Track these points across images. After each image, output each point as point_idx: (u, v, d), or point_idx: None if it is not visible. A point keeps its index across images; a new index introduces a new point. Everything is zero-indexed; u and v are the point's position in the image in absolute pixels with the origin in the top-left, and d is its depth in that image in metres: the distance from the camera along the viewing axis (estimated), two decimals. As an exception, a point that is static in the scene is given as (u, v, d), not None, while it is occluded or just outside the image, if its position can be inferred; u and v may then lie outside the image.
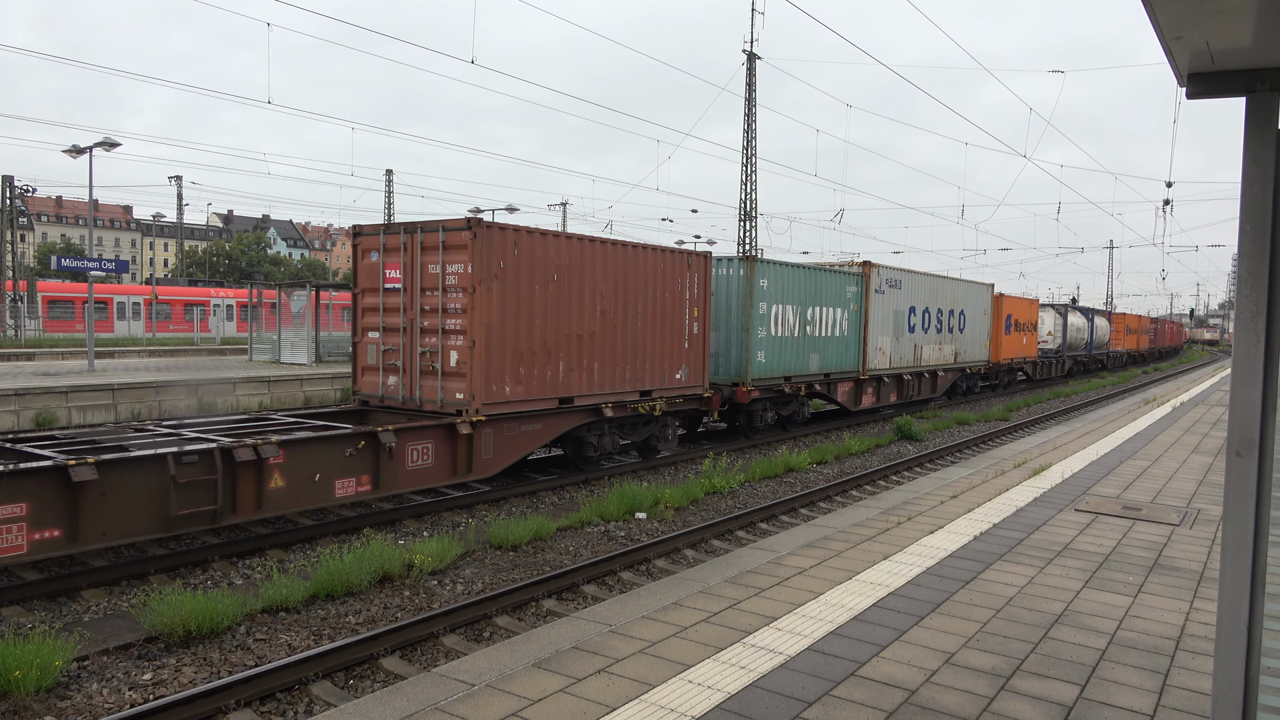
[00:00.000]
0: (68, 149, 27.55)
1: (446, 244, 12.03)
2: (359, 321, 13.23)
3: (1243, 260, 2.79)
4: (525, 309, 12.56)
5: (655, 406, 15.18)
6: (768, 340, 18.40)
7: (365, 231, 13.18)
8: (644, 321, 14.83)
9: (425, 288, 12.31)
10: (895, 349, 23.86)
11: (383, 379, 12.90)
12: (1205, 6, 2.27)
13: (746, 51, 39.16)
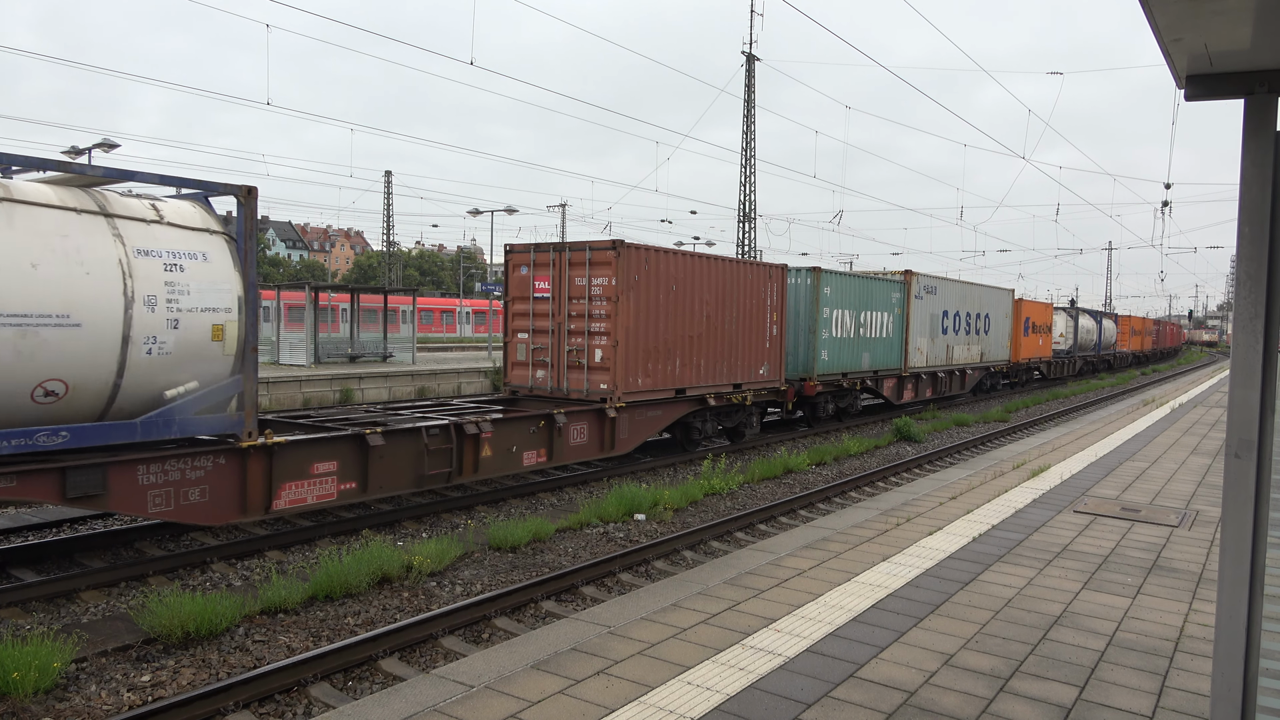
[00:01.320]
0: (67, 150, 27.56)
1: (593, 260, 14.55)
2: (509, 324, 15.76)
3: (1241, 262, 2.79)
4: (652, 314, 15.01)
5: (746, 397, 17.81)
6: (829, 341, 20.76)
7: (516, 249, 15.69)
8: (736, 325, 17.28)
9: (572, 296, 14.80)
10: (931, 349, 26.16)
11: (531, 372, 15.44)
12: (1204, 8, 2.27)
13: (745, 53, 39.19)
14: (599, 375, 14.50)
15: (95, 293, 8.18)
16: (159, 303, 8.68)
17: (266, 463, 9.80)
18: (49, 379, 7.94)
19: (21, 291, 7.67)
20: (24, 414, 7.95)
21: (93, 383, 8.27)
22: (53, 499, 8.15)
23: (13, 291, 7.60)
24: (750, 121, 39.92)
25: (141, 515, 8.97)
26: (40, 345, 7.78)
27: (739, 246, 40.74)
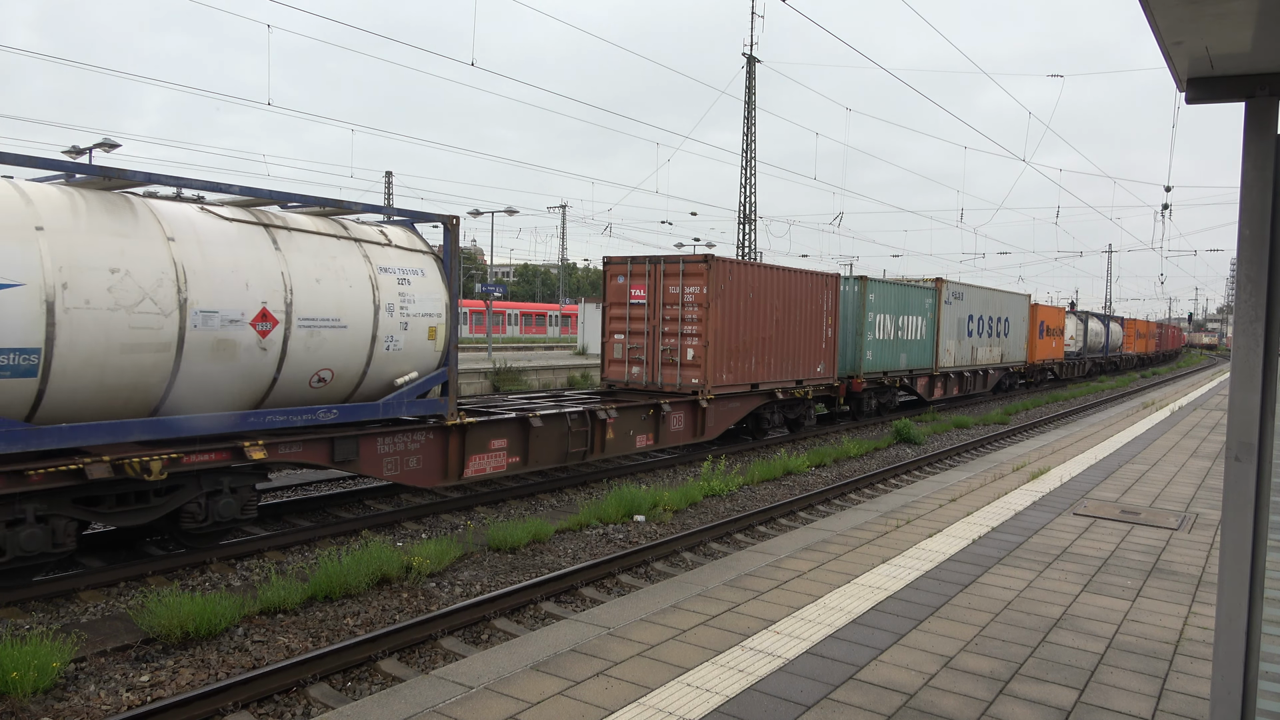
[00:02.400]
0: (67, 150, 27.58)
1: (685, 272, 16.72)
2: (606, 326, 17.83)
3: (1242, 265, 2.79)
4: (734, 319, 17.09)
5: (807, 392, 20.07)
6: (873, 342, 22.86)
7: (614, 261, 17.86)
8: (799, 328, 19.40)
9: (666, 303, 16.96)
10: (958, 350, 28.29)
11: (627, 368, 17.57)
12: (1205, 11, 2.27)
13: (746, 55, 39.22)
14: (690, 371, 16.71)
15: (355, 301, 10.52)
16: (395, 309, 11.02)
17: (461, 438, 12.06)
18: (323, 369, 10.35)
19: (310, 301, 10.01)
20: (304, 395, 10.37)
21: (349, 372, 10.69)
22: (324, 462, 10.41)
23: (305, 301, 9.96)
24: (751, 123, 39.94)
25: (378, 477, 11.15)
26: (320, 342, 10.17)
27: (739, 248, 40.74)
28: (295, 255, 10.03)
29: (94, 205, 8.61)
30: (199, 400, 9.33)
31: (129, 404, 8.78)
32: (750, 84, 39.58)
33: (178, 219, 9.21)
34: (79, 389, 8.29)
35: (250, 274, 9.51)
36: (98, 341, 8.28)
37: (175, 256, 8.91)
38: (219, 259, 9.30)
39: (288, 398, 10.16)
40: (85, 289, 8.18)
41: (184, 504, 9.28)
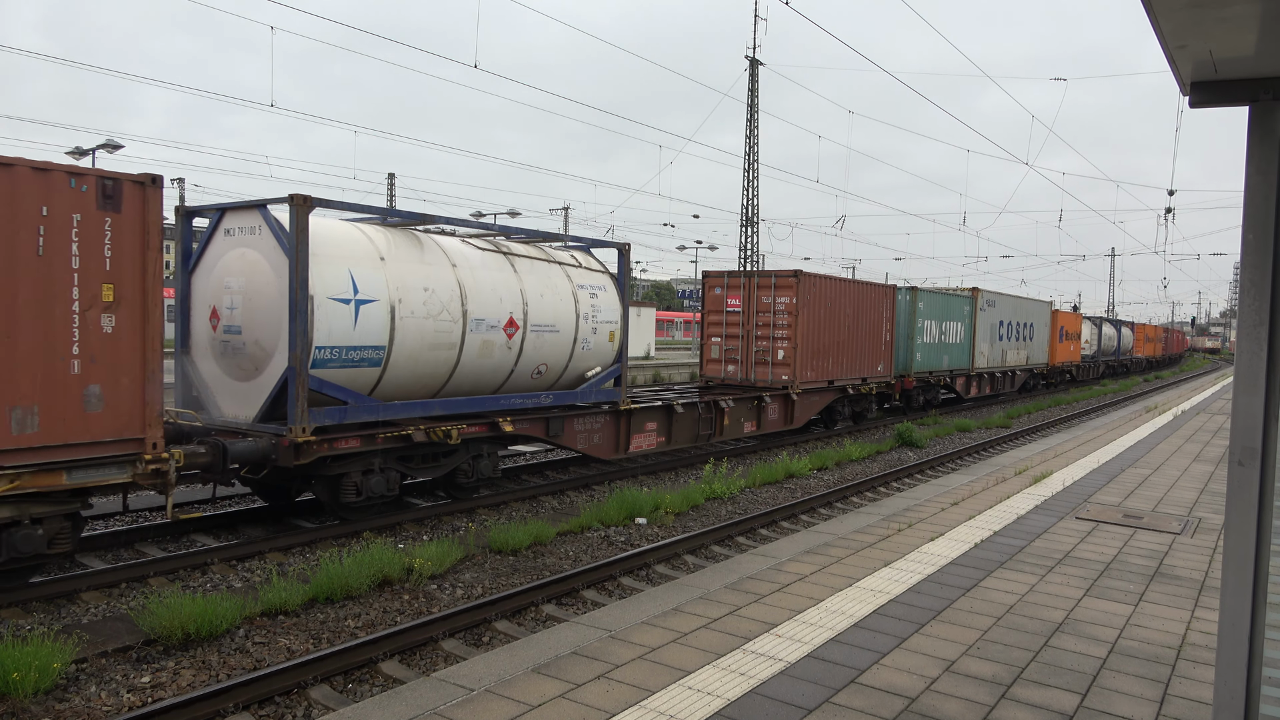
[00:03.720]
0: (71, 151, 27.65)
1: (777, 284, 19.67)
2: (705, 331, 20.98)
3: (1245, 269, 2.79)
4: (816, 324, 20.06)
5: (871, 388, 23.10)
6: (922, 345, 25.61)
7: (711, 275, 21.02)
8: (865, 332, 22.34)
9: (759, 310, 19.85)
10: (990, 353, 31.12)
11: (723, 367, 20.53)
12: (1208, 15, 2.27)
13: (749, 58, 39.23)
14: (781, 369, 19.53)
15: (564, 312, 13.52)
16: (588, 318, 14.00)
17: (627, 421, 14.92)
18: (541, 364, 13.27)
19: (537, 312, 12.98)
20: (526, 384, 13.29)
21: (558, 366, 13.67)
22: (542, 435, 13.30)
23: (534, 312, 12.91)
24: (753, 126, 39.96)
25: (574, 448, 14.05)
26: (542, 343, 13.12)
27: (741, 250, 40.74)
28: (526, 276, 13.05)
29: (403, 240, 11.55)
30: (466, 386, 12.34)
31: (424, 388, 11.73)
32: (753, 87, 39.60)
33: (454, 249, 12.17)
34: (399, 376, 11.18)
35: (502, 291, 12.48)
36: (415, 341, 11.18)
37: (459, 279, 11.89)
38: (483, 280, 12.25)
39: (515, 386, 13.15)
40: (410, 303, 11.09)
41: (459, 464, 12.21)
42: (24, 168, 7.55)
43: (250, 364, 10.40)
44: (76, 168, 8.03)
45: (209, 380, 10.85)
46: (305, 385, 9.95)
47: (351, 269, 10.52)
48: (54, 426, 7.78)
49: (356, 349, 10.51)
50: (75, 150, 27.44)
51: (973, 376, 29.67)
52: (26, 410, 7.62)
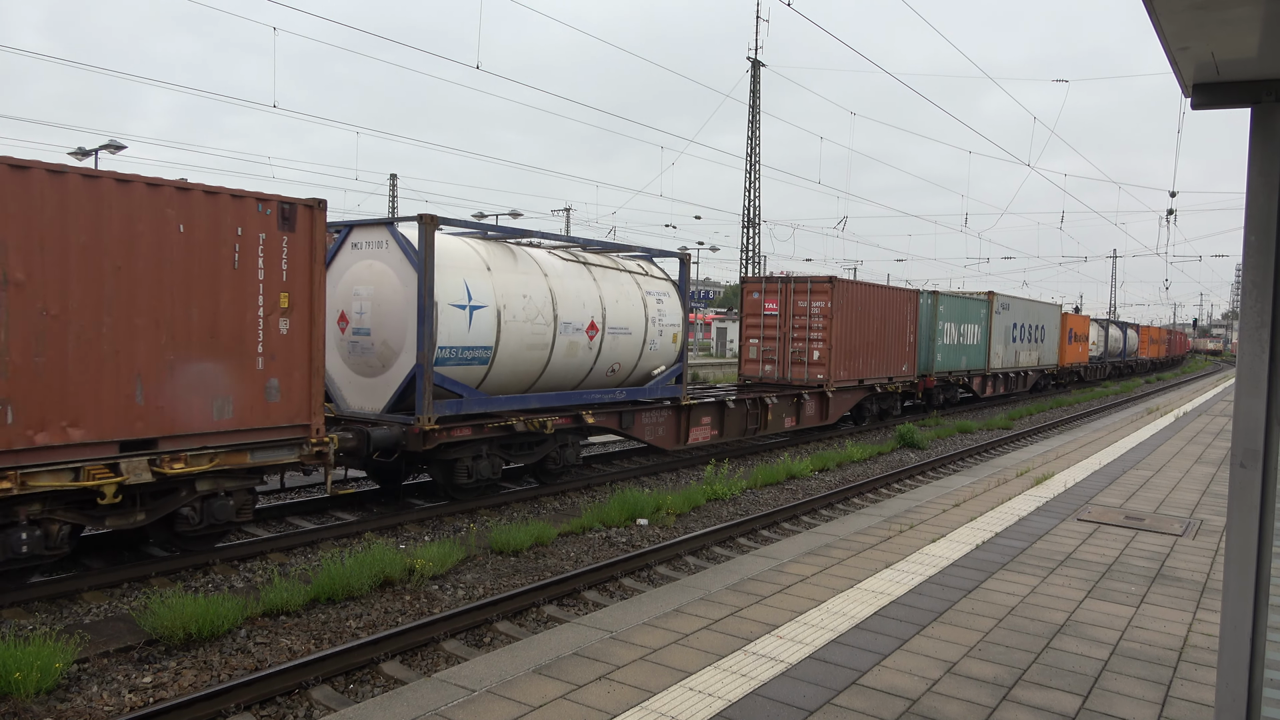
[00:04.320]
0: (74, 151, 27.67)
1: (812, 290, 20.93)
2: (744, 333, 22.25)
3: (1247, 271, 2.79)
4: (848, 327, 21.32)
5: (897, 387, 24.55)
6: (942, 347, 26.90)
7: (750, 281, 22.59)
8: (891, 334, 23.67)
9: (795, 314, 21.13)
10: (1004, 354, 32.39)
11: (761, 366, 21.86)
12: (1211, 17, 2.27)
13: (751, 59, 39.24)
14: (816, 369, 20.82)
15: (636, 316, 14.94)
16: (655, 321, 15.39)
17: (686, 415, 16.35)
18: (615, 363, 14.69)
19: (614, 316, 14.40)
20: (601, 381, 14.69)
21: (629, 364, 15.06)
22: (615, 427, 14.75)
23: (611, 316, 14.35)
24: (755, 127, 39.96)
25: (641, 439, 15.42)
26: (617, 344, 14.54)
27: (743, 252, 40.75)
28: (603, 283, 14.48)
29: (501, 252, 12.97)
30: (553, 382, 13.75)
31: (520, 384, 13.16)
32: (755, 88, 39.61)
33: (543, 260, 13.58)
34: (502, 373, 12.67)
35: (584, 297, 13.88)
36: (516, 342, 12.63)
37: (550, 286, 13.29)
38: (569, 287, 13.65)
39: (592, 383, 14.56)
40: (512, 308, 12.51)
41: (549, 452, 13.62)
42: (225, 195, 8.93)
43: (378, 362, 11.84)
44: (263, 194, 9.27)
45: (336, 376, 12.17)
46: (431, 381, 11.38)
47: (466, 279, 11.97)
48: (243, 414, 9.19)
49: (469, 349, 12.03)
50: (78, 151, 27.45)
51: (988, 376, 31.11)
52: (224, 400, 9.04)
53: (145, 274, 8.39)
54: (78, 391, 7.97)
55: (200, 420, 8.84)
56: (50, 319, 7.81)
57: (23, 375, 7.64)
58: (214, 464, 8.94)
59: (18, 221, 7.56)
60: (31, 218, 7.64)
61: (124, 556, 9.58)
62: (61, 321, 7.88)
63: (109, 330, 8.18)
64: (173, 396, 8.64)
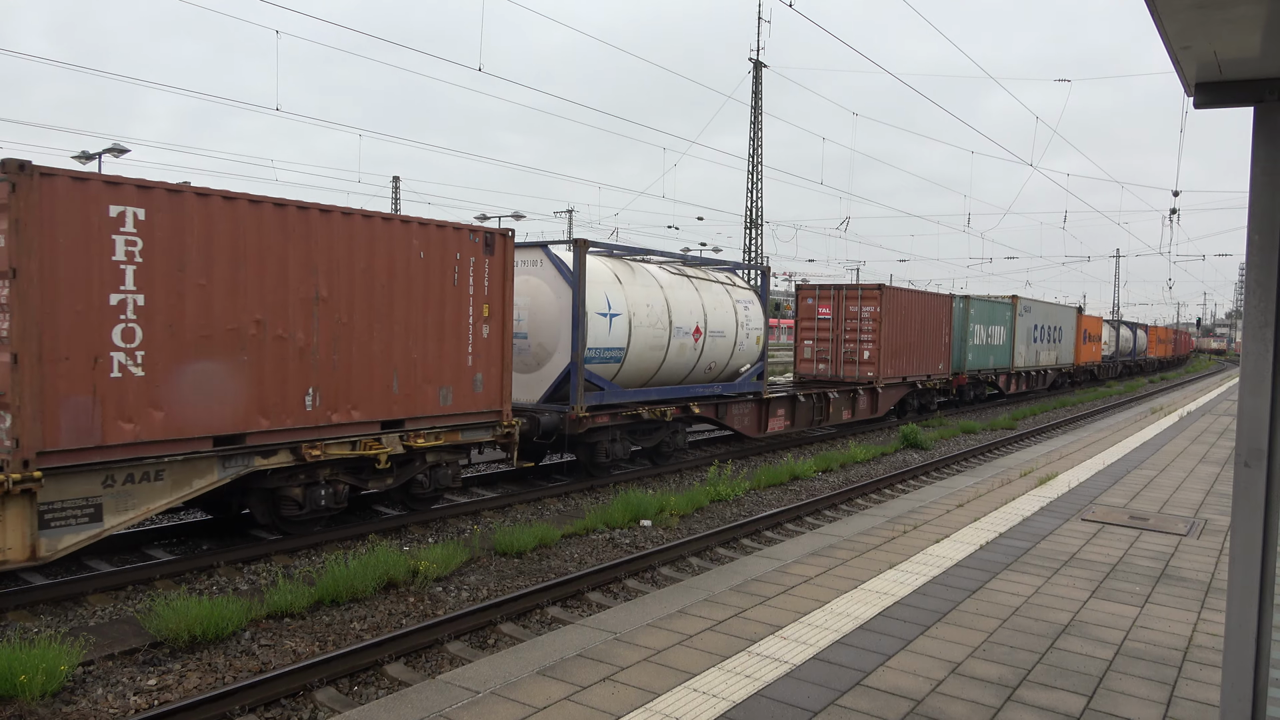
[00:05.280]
0: (78, 155, 27.72)
1: (863, 296, 23.21)
2: (799, 335, 24.48)
3: (1250, 270, 2.79)
4: (894, 329, 23.61)
5: (934, 384, 26.84)
6: (973, 347, 29.10)
7: (804, 287, 24.95)
8: (930, 336, 25.94)
9: (847, 318, 23.35)
10: (1026, 354, 34.48)
11: (815, 365, 24.02)
12: (1213, 16, 2.27)
13: (753, 60, 39.25)
14: (866, 367, 23.03)
15: (728, 321, 17.27)
16: (742, 326, 17.66)
17: (766, 407, 18.78)
18: (711, 362, 16.98)
19: (712, 321, 16.78)
20: (699, 377, 17.04)
21: (721, 363, 17.41)
22: (713, 417, 17.20)
23: (711, 321, 16.71)
24: (758, 128, 39.96)
25: (732, 428, 17.95)
26: (714, 346, 16.87)
27: (745, 253, 40.74)
28: (703, 293, 16.85)
29: (625, 268, 15.36)
30: (665, 378, 16.17)
31: (641, 379, 15.56)
32: (757, 89, 39.62)
33: (656, 273, 16.04)
34: (629, 370, 15.07)
35: (690, 305, 16.24)
36: (641, 343, 15.06)
37: (666, 297, 15.72)
38: (679, 297, 16.07)
39: (694, 379, 16.92)
40: (639, 316, 14.95)
41: (664, 437, 16.02)
42: (449, 228, 11.37)
43: (533, 360, 14.16)
44: (474, 226, 11.81)
45: None
46: (582, 376, 13.72)
47: (605, 291, 14.33)
48: (459, 401, 11.60)
49: (608, 349, 14.36)
50: (82, 155, 27.51)
51: (1013, 374, 33.36)
52: (447, 389, 11.42)
53: (399, 290, 10.71)
54: (357, 382, 10.30)
55: (432, 405, 11.21)
56: (341, 326, 10.10)
57: (325, 369, 9.94)
58: (440, 440, 11.35)
59: (324, 252, 9.84)
60: (332, 249, 9.93)
61: (128, 559, 9.59)
62: (349, 328, 10.18)
63: (377, 334, 10.49)
64: (415, 386, 10.97)
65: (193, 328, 8.79)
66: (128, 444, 8.34)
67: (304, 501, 10.00)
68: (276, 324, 9.46)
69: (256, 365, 9.30)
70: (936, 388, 27.23)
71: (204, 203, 8.82)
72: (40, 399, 7.73)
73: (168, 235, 8.55)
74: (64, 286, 7.89)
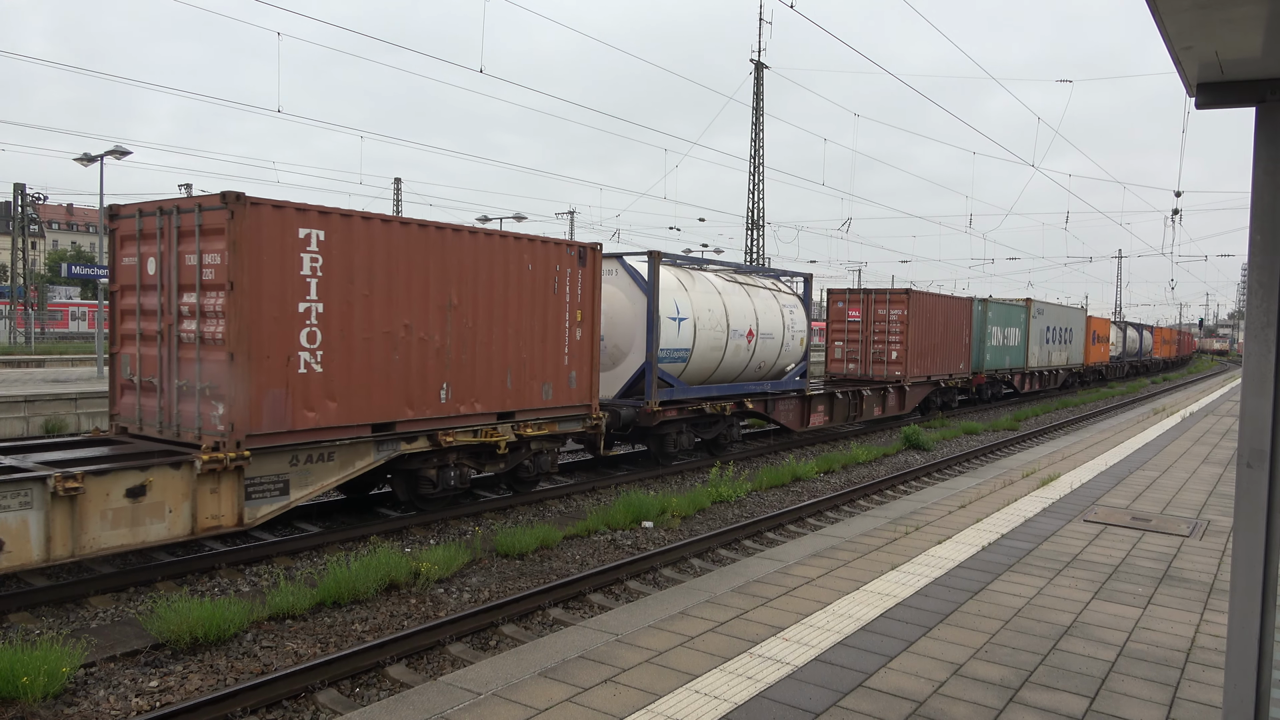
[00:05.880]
0: (79, 157, 27.76)
1: (891, 300, 24.68)
2: (830, 336, 25.86)
3: (1253, 270, 2.78)
4: (920, 331, 25.05)
5: (956, 383, 28.41)
6: (990, 348, 30.73)
7: (836, 291, 26.04)
8: (952, 337, 27.42)
9: (875, 320, 24.83)
10: (1039, 354, 35.81)
11: (845, 365, 25.44)
12: (1214, 16, 2.26)
13: (754, 61, 39.26)
14: (894, 367, 24.55)
15: (776, 324, 18.79)
16: (788, 328, 19.23)
17: (808, 403, 20.32)
18: (760, 361, 18.43)
19: (763, 324, 18.30)
20: (753, 375, 18.58)
21: (770, 362, 18.87)
22: (762, 411, 18.68)
23: (761, 324, 18.20)
24: (759, 129, 39.97)
25: (778, 421, 19.33)
26: (764, 346, 18.39)
27: (747, 254, 40.73)
28: (755, 298, 18.34)
29: (687, 275, 16.86)
30: (721, 377, 17.59)
31: (702, 377, 17.00)
32: (758, 90, 39.62)
33: (714, 281, 17.56)
34: (693, 369, 16.56)
35: (744, 310, 17.73)
36: (703, 345, 16.58)
37: (724, 302, 17.23)
38: (734, 302, 17.56)
39: (745, 377, 18.32)
40: (702, 319, 16.51)
41: (722, 430, 17.69)
42: (551, 243, 12.93)
43: (609, 360, 15.54)
44: (571, 241, 13.38)
45: None
46: (655, 374, 15.27)
47: (674, 298, 15.89)
48: (557, 395, 13.11)
49: (676, 350, 15.88)
50: (84, 157, 27.53)
51: (1027, 374, 34.92)
52: (547, 385, 12.88)
53: (512, 298, 12.18)
54: (479, 378, 11.78)
55: (536, 399, 12.70)
56: (467, 329, 11.55)
57: (455, 367, 11.43)
58: (543, 430, 12.83)
59: (455, 265, 11.30)
60: (461, 262, 11.41)
61: (130, 561, 9.60)
62: (473, 331, 11.62)
63: (495, 336, 11.96)
64: (524, 382, 12.47)
65: (359, 331, 10.28)
66: (309, 430, 9.85)
67: (437, 481, 11.50)
68: (420, 328, 10.96)
69: (404, 363, 10.79)
70: (958, 386, 28.66)
71: (367, 225, 10.27)
72: (248, 391, 9.20)
73: (340, 253, 10.02)
74: (266, 297, 9.34)
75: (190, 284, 9.48)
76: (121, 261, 10.43)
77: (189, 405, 9.53)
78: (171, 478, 8.68)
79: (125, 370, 10.38)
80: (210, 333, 9.29)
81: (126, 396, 10.38)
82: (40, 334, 52.22)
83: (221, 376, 9.14)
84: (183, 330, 9.60)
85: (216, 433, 9.17)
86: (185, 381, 9.55)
